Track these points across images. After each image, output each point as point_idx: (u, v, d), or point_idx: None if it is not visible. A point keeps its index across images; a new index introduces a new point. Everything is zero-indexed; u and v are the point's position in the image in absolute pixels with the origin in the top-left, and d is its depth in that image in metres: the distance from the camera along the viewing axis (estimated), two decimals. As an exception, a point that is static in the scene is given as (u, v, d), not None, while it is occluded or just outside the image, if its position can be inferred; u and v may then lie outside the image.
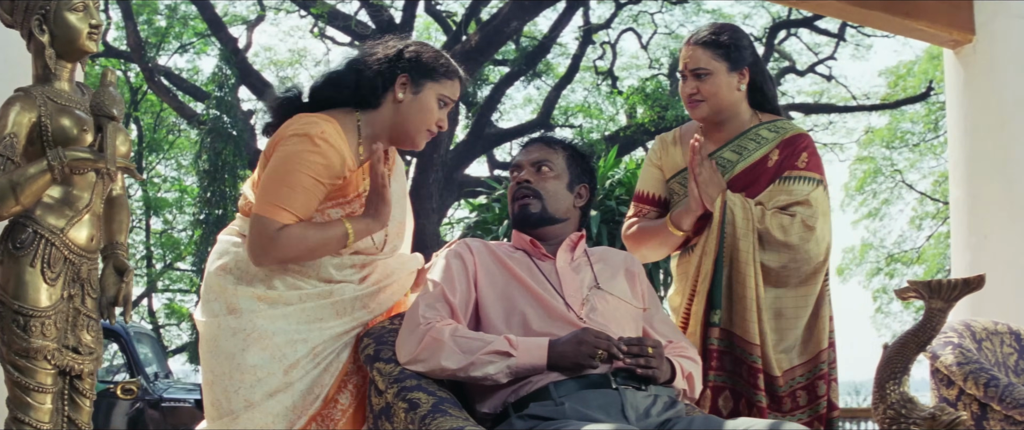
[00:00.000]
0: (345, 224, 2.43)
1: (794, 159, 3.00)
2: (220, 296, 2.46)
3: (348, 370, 2.48)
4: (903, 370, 2.48)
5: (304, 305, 2.44)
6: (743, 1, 17.12)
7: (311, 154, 2.39)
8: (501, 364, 2.29)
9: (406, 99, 2.53)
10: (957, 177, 5.18)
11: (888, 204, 19.68)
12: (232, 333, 2.41)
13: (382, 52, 2.57)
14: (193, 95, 16.53)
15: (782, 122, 3.09)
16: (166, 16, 17.26)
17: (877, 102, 18.02)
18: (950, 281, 2.43)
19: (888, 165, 19.34)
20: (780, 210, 2.93)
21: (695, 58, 3.00)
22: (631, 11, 16.59)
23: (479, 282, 2.50)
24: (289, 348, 2.40)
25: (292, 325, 2.41)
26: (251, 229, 2.40)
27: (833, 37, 16.94)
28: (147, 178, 19.48)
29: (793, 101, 17.26)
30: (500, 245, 2.62)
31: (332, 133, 2.43)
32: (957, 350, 3.89)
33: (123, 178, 2.44)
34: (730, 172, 3.02)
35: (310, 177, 2.39)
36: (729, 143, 3.05)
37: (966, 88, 5.09)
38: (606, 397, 2.26)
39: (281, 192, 2.39)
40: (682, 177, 3.09)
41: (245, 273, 2.46)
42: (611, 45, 16.86)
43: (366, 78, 2.53)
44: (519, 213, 2.62)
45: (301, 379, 2.40)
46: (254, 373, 2.39)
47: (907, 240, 19.76)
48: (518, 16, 13.93)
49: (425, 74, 2.54)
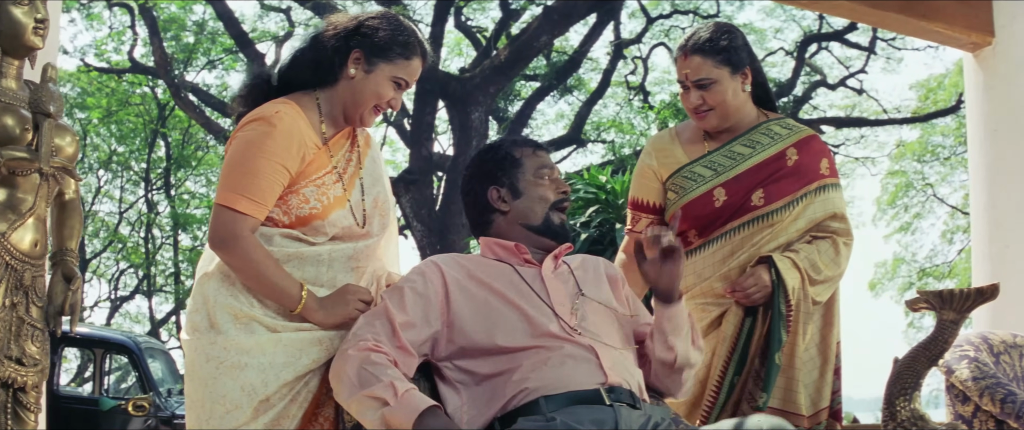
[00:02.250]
0: (303, 292, 2.31)
1: (816, 164, 2.91)
2: (202, 307, 2.33)
3: (320, 400, 2.36)
4: (914, 385, 2.38)
5: (282, 335, 2.30)
6: (774, 15, 17.05)
7: (267, 138, 2.30)
8: (376, 413, 2.12)
9: (358, 76, 2.43)
10: (977, 184, 4.96)
11: (919, 218, 19.60)
12: (206, 359, 2.28)
13: (340, 25, 2.47)
14: (220, 111, 16.50)
15: (789, 120, 3.00)
16: (194, 32, 17.26)
17: (908, 115, 17.91)
18: (963, 291, 2.32)
19: (919, 179, 19.23)
20: (814, 237, 2.84)
21: (696, 68, 2.84)
22: (662, 25, 16.54)
23: (453, 301, 2.32)
24: (260, 383, 2.26)
25: (267, 358, 2.27)
26: (214, 218, 2.31)
27: (864, 50, 16.84)
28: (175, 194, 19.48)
29: (825, 115, 17.15)
30: (472, 258, 2.47)
31: (289, 113, 2.34)
32: (973, 364, 3.67)
33: (75, 181, 2.35)
34: (742, 165, 2.89)
35: (269, 161, 2.30)
36: (739, 137, 2.93)
37: (986, 92, 4.88)
38: (599, 413, 2.11)
39: (242, 180, 2.29)
40: (681, 175, 2.94)
41: (228, 277, 2.34)
42: (643, 60, 16.79)
43: (323, 54, 2.43)
44: (562, 226, 2.49)
45: (267, 412, 2.27)
46: (223, 404, 2.26)
47: (938, 254, 19.64)
48: (548, 30, 13.84)
49: (379, 52, 2.42)
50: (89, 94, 18.72)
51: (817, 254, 2.80)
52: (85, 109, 18.96)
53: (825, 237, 2.86)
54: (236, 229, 2.27)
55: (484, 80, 13.84)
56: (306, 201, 2.37)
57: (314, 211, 2.37)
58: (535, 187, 2.50)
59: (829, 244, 2.85)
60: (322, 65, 2.44)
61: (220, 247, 2.30)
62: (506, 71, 13.98)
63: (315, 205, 2.37)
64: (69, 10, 17.28)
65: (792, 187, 2.87)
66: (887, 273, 19.96)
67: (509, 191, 2.51)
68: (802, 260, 2.78)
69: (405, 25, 2.49)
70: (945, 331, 2.36)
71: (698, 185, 2.91)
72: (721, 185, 2.89)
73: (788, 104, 16.22)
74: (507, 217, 2.51)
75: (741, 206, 2.85)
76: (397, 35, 2.44)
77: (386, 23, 2.46)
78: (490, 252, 2.49)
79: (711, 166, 2.92)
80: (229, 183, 2.31)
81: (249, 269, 2.29)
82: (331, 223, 2.39)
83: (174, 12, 16.89)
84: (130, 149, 19.72)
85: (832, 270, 2.81)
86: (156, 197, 20.32)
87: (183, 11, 16.90)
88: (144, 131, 19.10)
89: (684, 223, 2.87)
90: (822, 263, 2.80)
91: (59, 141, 2.23)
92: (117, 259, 20.71)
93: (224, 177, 2.34)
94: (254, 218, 2.31)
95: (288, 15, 16.45)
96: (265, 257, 2.29)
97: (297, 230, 2.37)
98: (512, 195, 2.51)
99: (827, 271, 2.80)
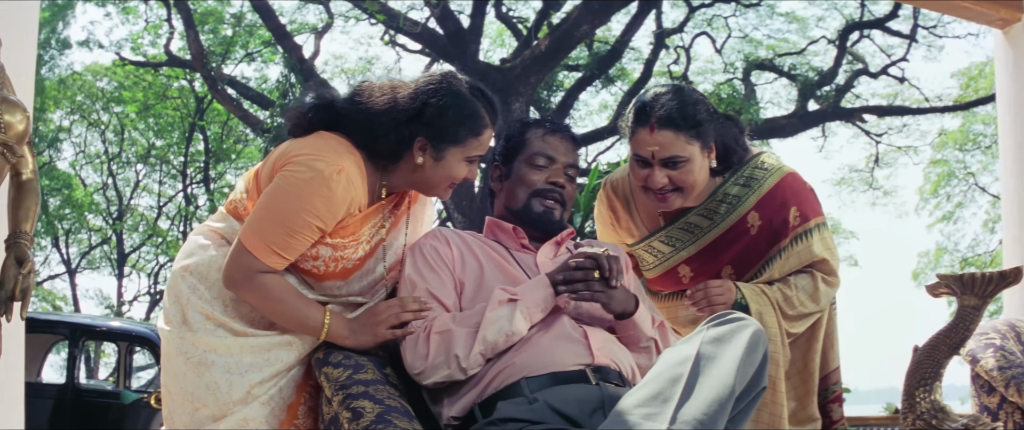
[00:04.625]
0: (326, 316, 2.21)
1: (783, 219, 2.59)
2: (177, 301, 2.24)
3: (297, 403, 2.27)
4: (934, 375, 2.29)
5: (250, 339, 2.22)
6: (815, 4, 16.91)
7: (317, 198, 2.13)
8: (511, 316, 2.12)
9: (427, 163, 2.25)
10: (1007, 166, 4.79)
11: (961, 207, 19.44)
12: (177, 352, 2.21)
13: (399, 105, 2.22)
14: (259, 103, 16.46)
15: (748, 168, 2.64)
16: (232, 25, 17.23)
17: (949, 104, 17.75)
18: (984, 274, 2.24)
19: (961, 168, 19.06)
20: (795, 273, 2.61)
21: (667, 144, 2.47)
22: (704, 15, 16.40)
23: (455, 271, 2.31)
24: (225, 383, 2.19)
25: (233, 359, 2.19)
26: (234, 256, 2.17)
27: (905, 38, 16.68)
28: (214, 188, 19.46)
29: (867, 103, 17.00)
30: (473, 234, 2.42)
31: (350, 176, 2.16)
32: (999, 353, 3.50)
33: (33, 162, 2.27)
34: (701, 239, 2.65)
35: (311, 220, 2.14)
36: (694, 209, 2.65)
37: (1016, 70, 4.73)
38: (585, 392, 2.03)
39: (277, 233, 2.14)
40: (640, 248, 2.75)
41: (205, 278, 2.24)
42: (685, 49, 16.65)
43: (381, 135, 2.21)
44: (544, 215, 2.41)
45: (233, 413, 2.19)
46: (191, 401, 2.20)
47: (981, 243, 19.49)
48: (588, 20, 13.74)
49: (447, 139, 2.22)
50: (125, 88, 18.73)
51: (792, 289, 2.59)
52: (121, 103, 18.98)
53: (804, 272, 2.63)
54: (252, 273, 2.16)
55: (525, 70, 13.75)
56: (315, 257, 2.23)
57: (315, 270, 2.24)
58: (524, 171, 2.44)
59: (808, 278, 2.62)
60: (383, 149, 2.23)
61: (234, 288, 2.20)
62: (547, 61, 13.88)
63: (317, 265, 2.23)
64: (104, 4, 17.30)
65: (760, 253, 2.63)
66: (930, 263, 19.84)
67: (504, 171, 2.48)
68: (773, 292, 2.58)
69: (468, 97, 2.25)
70: (966, 317, 2.26)
71: (660, 261, 2.73)
72: (684, 262, 2.69)
73: (830, 93, 16.09)
74: (499, 197, 2.50)
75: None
76: (462, 113, 2.23)
77: (450, 100, 2.22)
78: (490, 233, 2.45)
79: (669, 242, 2.70)
80: (262, 229, 2.15)
81: (265, 307, 2.20)
82: (323, 288, 2.28)
83: (211, 5, 16.88)
84: (168, 143, 19.72)
85: (808, 306, 2.59)
86: (195, 191, 20.31)
87: (221, 3, 16.89)
88: (182, 125, 19.09)
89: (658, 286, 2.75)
90: (797, 298, 2.59)
91: (9, 118, 2.13)
92: (156, 253, 20.74)
93: (260, 218, 2.17)
94: (275, 269, 2.19)
95: (327, 6, 16.37)
96: (282, 292, 2.19)
97: (292, 272, 2.26)
98: (505, 175, 2.48)
99: (802, 306, 2.59)
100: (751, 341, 1.90)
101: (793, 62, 16.58)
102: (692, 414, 1.79)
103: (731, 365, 1.86)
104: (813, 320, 2.65)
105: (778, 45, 16.74)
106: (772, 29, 16.69)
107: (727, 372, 1.85)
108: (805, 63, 16.52)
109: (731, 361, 1.87)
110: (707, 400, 1.82)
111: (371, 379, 2.13)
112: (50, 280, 20.78)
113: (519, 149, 2.47)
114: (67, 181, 19.88)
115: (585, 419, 1.97)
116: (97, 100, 19.42)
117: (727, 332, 1.92)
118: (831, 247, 2.64)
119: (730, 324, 1.94)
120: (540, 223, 2.41)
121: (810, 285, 2.60)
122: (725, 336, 1.92)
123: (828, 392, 2.74)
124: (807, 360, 2.69)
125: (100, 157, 20.23)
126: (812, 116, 16.16)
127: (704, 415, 1.79)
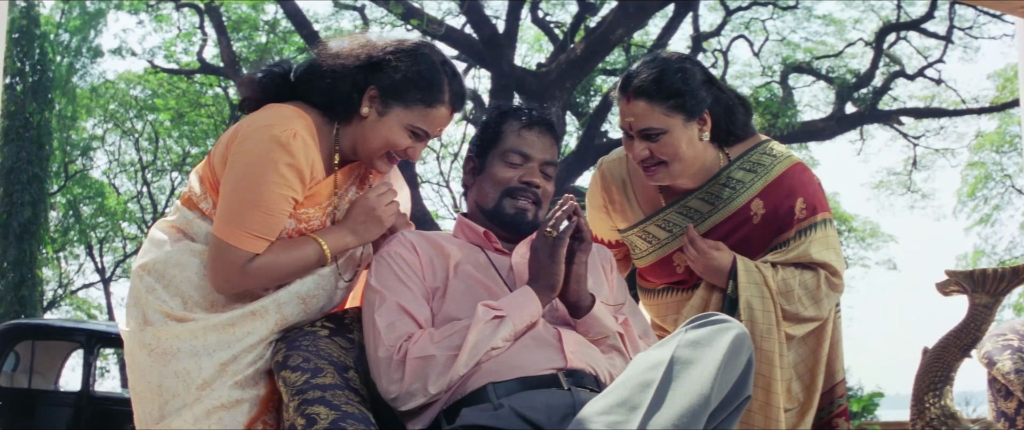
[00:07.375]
0: (317, 241, 2.10)
1: (789, 208, 2.43)
2: (137, 302, 2.13)
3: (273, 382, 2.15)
4: (944, 379, 2.19)
5: (211, 319, 2.10)
6: (852, 6, 16.84)
7: (282, 165, 2.02)
8: (495, 330, 1.99)
9: (370, 117, 2.13)
10: None
11: (999, 210, 19.32)
12: (141, 347, 2.10)
13: (362, 53, 2.14)
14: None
15: (755, 153, 2.49)
16: (266, 32, 17.25)
17: (986, 105, 17.65)
18: (996, 271, 2.12)
19: (998, 170, 18.94)
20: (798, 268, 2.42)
21: (641, 116, 2.36)
22: (742, 18, 16.34)
23: (426, 280, 2.15)
24: (194, 367, 2.07)
25: (198, 341, 2.08)
26: (215, 255, 2.06)
27: (941, 40, 16.59)
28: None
29: (904, 106, 16.91)
30: (443, 235, 2.27)
31: (306, 140, 2.06)
32: (1016, 355, 3.22)
33: None
34: (701, 225, 2.48)
35: (283, 193, 2.04)
36: (694, 191, 2.49)
37: None
38: (555, 398, 1.88)
39: (250, 213, 2.03)
40: (634, 233, 2.59)
41: (162, 276, 2.12)
42: (722, 53, 16.59)
43: (341, 83, 2.12)
44: (516, 217, 2.25)
45: (209, 395, 2.07)
46: (162, 394, 2.08)
47: (1018, 246, 19.36)
48: (624, 23, 13.70)
49: (395, 93, 2.11)
50: (158, 96, 18.79)
51: (796, 283, 2.40)
52: (155, 111, 19.04)
53: (810, 268, 2.44)
54: (241, 267, 2.05)
55: (561, 75, 13.71)
56: (295, 239, 2.13)
57: None
58: (498, 167, 2.27)
59: (812, 275, 2.42)
60: (338, 96, 2.13)
61: (229, 288, 2.09)
62: (582, 65, 13.83)
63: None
64: (137, 12, 17.36)
65: (763, 244, 2.47)
66: (968, 266, 19.69)
67: (478, 164, 2.32)
68: (776, 280, 2.39)
69: (434, 65, 2.15)
70: (978, 317, 2.16)
71: (655, 248, 2.56)
72: (680, 250, 2.52)
73: (867, 95, 16.01)
74: (471, 192, 2.34)
75: None
76: (421, 76, 2.12)
77: (411, 60, 2.12)
78: (461, 233, 2.30)
79: (666, 227, 2.54)
80: (236, 217, 2.04)
81: (268, 283, 2.12)
82: (329, 262, 2.17)
83: (245, 12, 16.90)
84: (203, 150, 19.76)
85: (806, 306, 2.41)
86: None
87: (254, 11, 16.91)
88: (217, 132, 19.14)
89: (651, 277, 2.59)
90: (798, 294, 2.40)
91: None
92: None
93: (229, 206, 2.05)
94: (257, 253, 2.07)
95: (362, 13, 16.39)
96: (275, 261, 2.08)
97: None
98: (478, 169, 2.32)
99: (800, 304, 2.40)
100: (733, 345, 1.75)
101: (830, 65, 16.50)
102: (661, 425, 1.65)
103: (709, 371, 1.71)
104: (810, 327, 2.46)
105: (815, 48, 16.68)
106: (809, 32, 16.65)
107: (704, 379, 1.70)
108: (842, 66, 16.44)
109: (709, 367, 1.72)
110: (679, 409, 1.67)
111: (329, 383, 2.00)
112: (85, 289, 20.83)
113: (494, 142, 2.30)
114: (100, 189, 19.95)
115: (554, 426, 1.82)
116: (130, 108, 19.50)
117: (706, 335, 1.77)
118: (836, 246, 2.47)
119: (711, 326, 1.79)
120: (512, 225, 2.25)
121: (813, 283, 2.41)
122: (704, 339, 1.76)
123: (833, 406, 2.56)
124: (814, 374, 2.51)
125: (134, 165, 20.29)
126: (849, 119, 16.06)
127: (674, 426, 1.65)
